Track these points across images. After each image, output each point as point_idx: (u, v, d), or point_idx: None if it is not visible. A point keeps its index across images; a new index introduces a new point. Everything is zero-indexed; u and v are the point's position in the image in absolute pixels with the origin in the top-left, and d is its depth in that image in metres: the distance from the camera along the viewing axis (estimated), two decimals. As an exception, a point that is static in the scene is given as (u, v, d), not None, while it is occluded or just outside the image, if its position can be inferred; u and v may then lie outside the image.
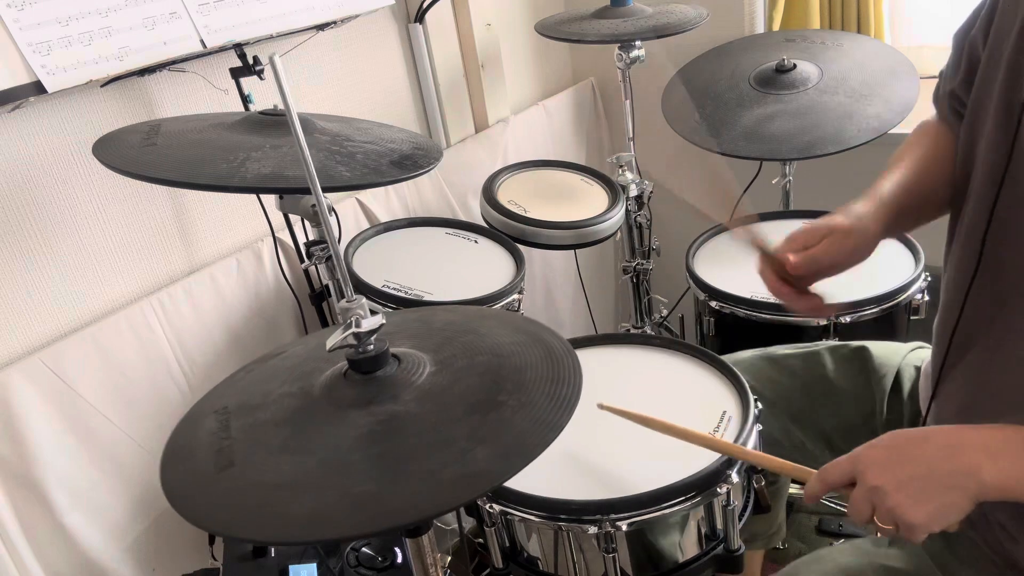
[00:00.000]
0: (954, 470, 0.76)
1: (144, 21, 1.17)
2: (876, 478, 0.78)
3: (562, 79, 2.24)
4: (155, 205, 1.38)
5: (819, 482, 0.84)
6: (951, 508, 0.76)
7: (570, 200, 1.68)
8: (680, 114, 1.78)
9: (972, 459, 0.76)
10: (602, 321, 2.30)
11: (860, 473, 0.80)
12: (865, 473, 0.79)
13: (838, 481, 0.83)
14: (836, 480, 0.83)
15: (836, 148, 1.57)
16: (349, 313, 0.76)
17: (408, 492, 0.65)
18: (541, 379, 0.76)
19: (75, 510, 1.26)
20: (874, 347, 1.19)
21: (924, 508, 0.76)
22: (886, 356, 1.17)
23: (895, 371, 1.15)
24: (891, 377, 1.14)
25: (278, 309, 1.53)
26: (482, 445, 0.68)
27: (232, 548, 1.12)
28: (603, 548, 0.98)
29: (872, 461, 0.80)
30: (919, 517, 0.76)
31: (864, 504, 0.79)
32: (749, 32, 1.98)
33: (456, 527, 1.54)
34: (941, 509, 0.76)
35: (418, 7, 1.73)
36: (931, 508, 0.76)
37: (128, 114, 1.30)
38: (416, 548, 0.86)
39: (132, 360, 1.32)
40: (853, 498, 0.81)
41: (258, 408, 0.79)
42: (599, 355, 1.27)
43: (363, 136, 1.20)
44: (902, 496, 0.76)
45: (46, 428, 1.21)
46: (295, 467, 0.69)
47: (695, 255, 1.65)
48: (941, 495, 0.76)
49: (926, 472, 0.77)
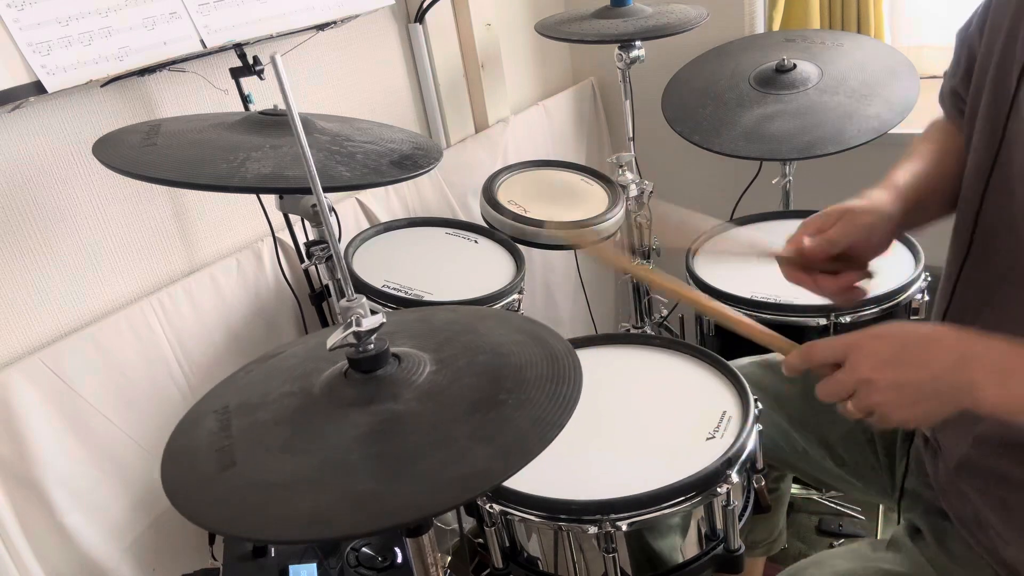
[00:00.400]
0: (957, 383, 0.74)
1: (144, 21, 1.17)
2: (870, 371, 0.76)
3: (562, 79, 2.24)
4: (155, 205, 1.38)
5: (803, 356, 0.82)
6: (936, 414, 0.75)
7: (570, 200, 1.68)
8: (680, 114, 1.78)
9: (979, 375, 0.73)
10: (602, 321, 2.30)
11: (853, 361, 0.77)
12: (860, 362, 0.77)
13: (824, 360, 0.80)
14: (822, 358, 0.81)
15: (836, 148, 1.56)
16: (350, 312, 0.76)
17: (409, 491, 0.65)
18: (541, 378, 0.76)
19: (75, 510, 1.26)
20: None
21: (910, 411, 0.75)
22: None
23: None
24: None
25: (278, 309, 1.53)
26: (482, 444, 0.68)
27: (232, 548, 1.12)
28: (603, 548, 0.98)
29: (872, 352, 0.77)
30: (901, 417, 0.75)
31: (844, 389, 0.78)
32: (749, 32, 1.98)
33: (456, 527, 1.54)
34: (927, 414, 0.76)
35: (418, 7, 1.73)
36: (919, 412, 0.75)
37: (128, 114, 1.30)
38: (416, 548, 0.86)
39: (132, 360, 1.32)
40: (835, 379, 0.78)
41: (258, 408, 0.79)
42: (599, 355, 1.27)
43: (363, 136, 1.20)
44: (893, 395, 0.75)
45: (46, 428, 1.21)
46: (296, 466, 0.69)
47: (695, 255, 1.65)
48: (934, 402, 0.75)
49: (928, 378, 0.75)
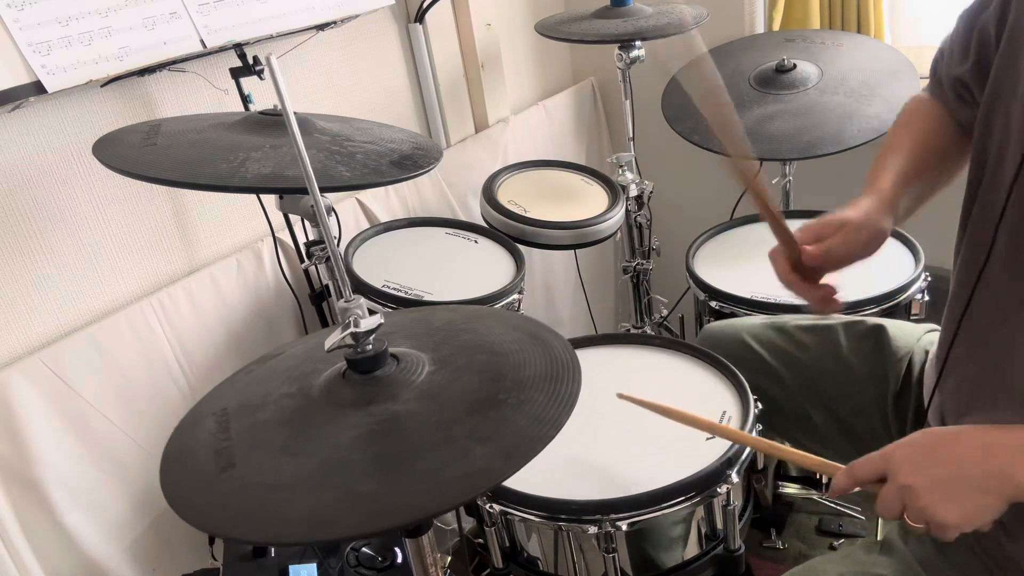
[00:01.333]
0: (988, 471, 0.76)
1: (144, 21, 1.17)
2: (907, 477, 0.78)
3: (562, 79, 2.24)
4: (155, 205, 1.38)
5: (847, 476, 0.84)
6: (984, 509, 0.76)
7: (570, 200, 1.68)
8: (680, 114, 1.78)
9: (1006, 460, 0.76)
10: (602, 321, 2.30)
11: (892, 471, 0.79)
12: (897, 472, 0.79)
13: (867, 477, 0.82)
14: (865, 476, 0.82)
15: (836, 148, 1.56)
16: (348, 313, 0.76)
17: (408, 491, 0.65)
18: (540, 378, 0.76)
19: (75, 510, 1.26)
20: (891, 326, 1.17)
21: (956, 508, 0.76)
22: (903, 337, 1.16)
23: (910, 353, 1.14)
24: (906, 360, 1.13)
25: (278, 309, 1.53)
26: (482, 444, 0.68)
27: (232, 548, 1.12)
28: (603, 548, 0.98)
29: (904, 460, 0.79)
30: (950, 517, 0.76)
31: (895, 502, 0.79)
32: (749, 32, 1.98)
33: (456, 527, 1.54)
34: (973, 510, 0.76)
35: (418, 7, 1.73)
36: (963, 508, 0.76)
37: (128, 114, 1.30)
38: (416, 548, 0.86)
39: (132, 360, 1.32)
40: (883, 495, 0.80)
41: (258, 409, 0.79)
42: (599, 355, 1.28)
43: (363, 136, 1.20)
44: (934, 496, 0.76)
45: (46, 428, 1.21)
46: (295, 467, 0.69)
47: (695, 255, 1.65)
48: (973, 496, 0.76)
49: (958, 473, 0.77)
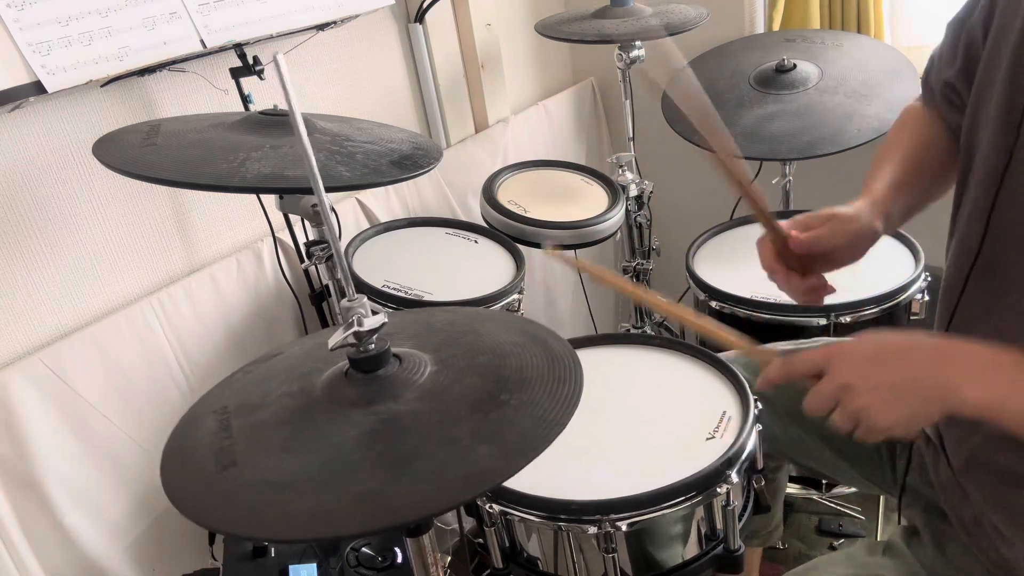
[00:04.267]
0: (937, 382, 0.75)
1: (144, 21, 1.17)
2: (851, 376, 0.77)
3: (562, 79, 2.24)
4: (155, 205, 1.38)
5: (784, 366, 0.83)
6: (921, 417, 0.76)
7: (570, 200, 1.68)
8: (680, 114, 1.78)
9: (957, 372, 0.74)
10: (602, 321, 2.30)
11: (833, 367, 0.78)
12: (840, 369, 0.78)
13: (804, 370, 0.81)
14: (802, 368, 0.81)
15: (836, 148, 1.57)
16: (351, 312, 0.76)
17: (410, 490, 0.65)
18: (542, 379, 0.76)
19: (75, 510, 1.26)
20: None
21: (895, 414, 0.75)
22: None
23: None
24: None
25: (278, 309, 1.53)
26: (484, 444, 0.68)
27: (232, 548, 1.12)
28: (603, 548, 0.98)
29: (851, 358, 0.78)
30: (886, 421, 0.75)
31: (827, 399, 0.78)
32: (749, 32, 1.98)
33: (456, 527, 1.54)
34: (911, 417, 0.76)
35: (418, 7, 1.73)
36: (902, 415, 0.75)
37: (128, 114, 1.30)
38: (416, 548, 0.86)
39: (132, 360, 1.32)
40: (818, 389, 0.79)
41: (258, 408, 0.79)
42: (599, 355, 1.27)
43: (363, 136, 1.20)
44: (875, 398, 0.75)
45: (46, 428, 1.21)
46: (297, 466, 0.69)
47: (695, 255, 1.65)
48: (917, 403, 0.75)
49: (906, 379, 0.76)
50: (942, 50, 0.98)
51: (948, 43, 0.96)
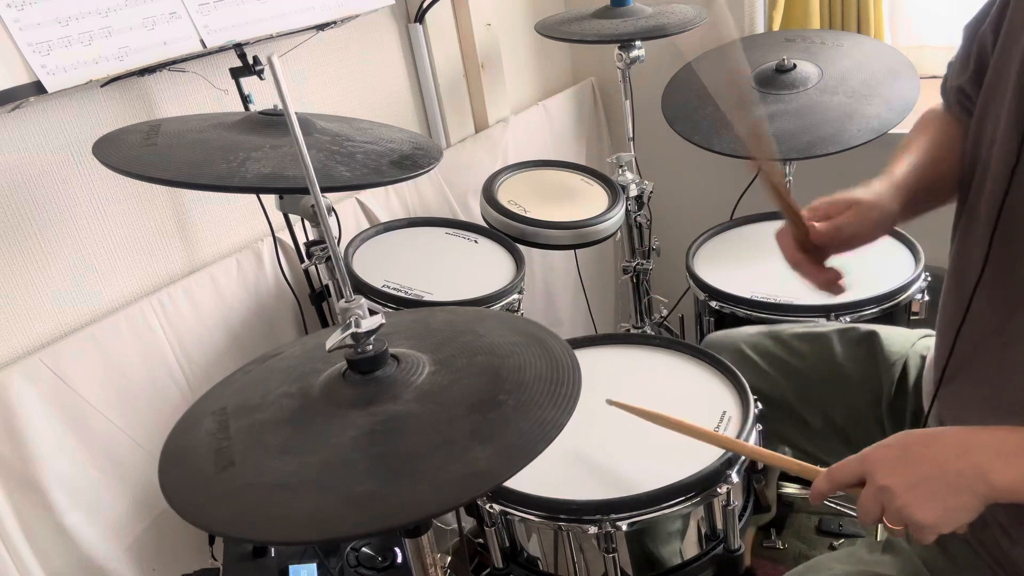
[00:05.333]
0: (963, 471, 0.76)
1: (144, 21, 1.17)
2: (885, 478, 0.78)
3: (562, 79, 2.24)
4: (155, 205, 1.38)
5: (827, 481, 0.84)
6: (961, 509, 0.76)
7: (570, 200, 1.68)
8: (680, 114, 1.78)
9: (982, 460, 0.76)
10: (602, 321, 2.30)
11: (869, 473, 0.79)
12: (874, 473, 0.79)
13: (846, 480, 0.82)
14: (844, 479, 0.82)
15: (836, 148, 1.56)
16: (348, 313, 0.76)
17: (409, 491, 0.65)
18: (541, 379, 0.76)
19: (75, 510, 1.26)
20: (884, 332, 1.18)
21: (933, 509, 0.76)
22: (896, 343, 1.17)
23: (904, 359, 1.14)
24: (900, 365, 1.14)
25: (278, 309, 1.53)
26: (483, 444, 0.68)
27: (232, 548, 1.12)
28: (603, 548, 0.98)
29: (881, 461, 0.80)
30: (928, 517, 0.76)
31: (873, 504, 0.79)
32: (749, 32, 1.98)
33: (456, 527, 1.54)
34: (950, 510, 0.76)
35: (418, 7, 1.73)
36: (940, 509, 0.76)
37: (128, 114, 1.30)
38: (416, 548, 0.86)
39: (132, 360, 1.32)
40: (862, 498, 0.80)
41: (257, 409, 0.79)
42: (599, 355, 1.28)
43: (363, 136, 1.20)
44: (911, 496, 0.76)
45: (46, 428, 1.21)
46: (295, 467, 0.69)
47: (695, 255, 1.65)
48: (950, 496, 0.76)
49: (935, 472, 0.77)
50: (957, 56, 0.98)
51: (962, 49, 0.96)
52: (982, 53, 0.90)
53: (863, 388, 1.16)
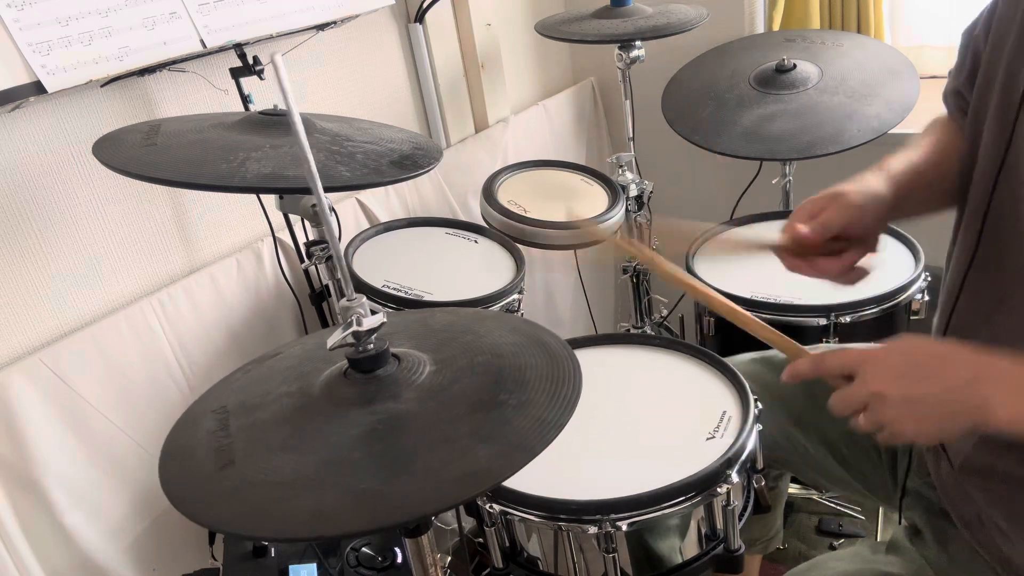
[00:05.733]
0: (968, 400, 0.73)
1: (144, 21, 1.17)
2: (883, 385, 0.76)
3: (562, 79, 2.24)
4: (155, 205, 1.38)
5: (812, 364, 0.82)
6: (948, 431, 0.75)
7: (570, 200, 1.68)
8: (680, 114, 1.78)
9: (992, 392, 0.73)
10: (602, 321, 2.30)
11: (865, 373, 0.77)
12: (872, 375, 0.77)
13: (835, 370, 0.80)
14: (833, 369, 0.80)
15: (836, 148, 1.57)
16: (349, 312, 0.76)
17: (410, 490, 0.65)
18: (541, 379, 0.76)
19: (75, 510, 1.26)
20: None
21: (922, 427, 0.75)
22: None
23: None
24: None
25: (278, 309, 1.53)
26: (483, 443, 0.68)
27: (232, 548, 1.12)
28: (603, 548, 0.98)
29: (884, 366, 0.77)
30: (913, 432, 0.75)
31: (856, 402, 0.77)
32: (749, 32, 1.98)
33: (456, 527, 1.54)
34: (938, 431, 0.75)
35: (418, 7, 1.73)
36: (931, 428, 0.75)
37: (128, 114, 1.30)
38: (416, 548, 0.86)
39: (132, 360, 1.32)
40: (847, 393, 0.78)
41: (257, 408, 0.79)
42: (599, 355, 1.27)
43: (363, 136, 1.20)
44: (905, 410, 0.75)
45: (46, 428, 1.21)
46: (296, 465, 0.69)
47: (695, 255, 1.65)
48: (946, 419, 0.74)
49: (939, 395, 0.75)
50: (956, 61, 0.99)
51: (959, 52, 0.97)
52: (976, 55, 0.91)
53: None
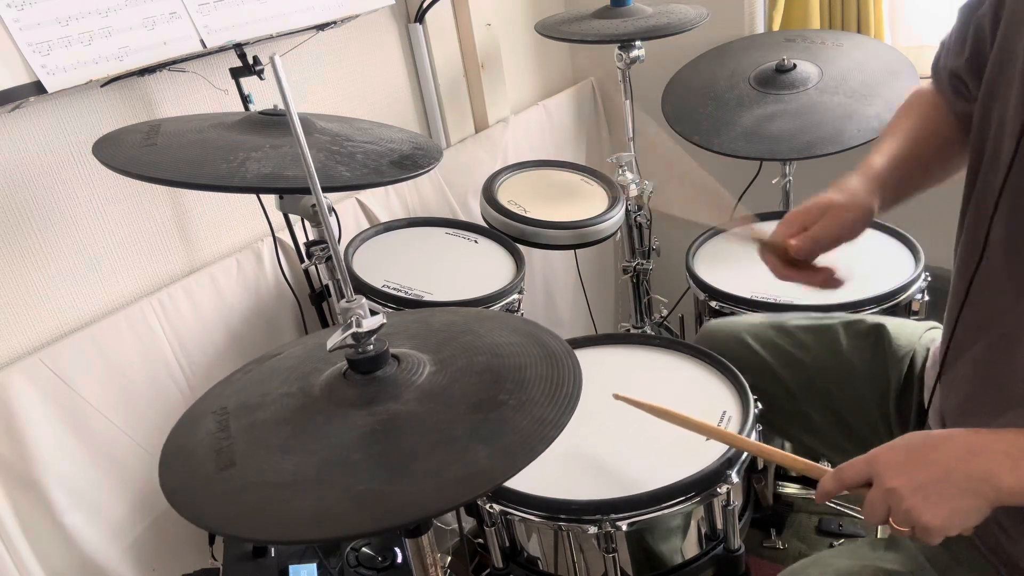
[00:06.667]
0: (972, 474, 0.76)
1: (144, 21, 1.17)
2: (892, 480, 0.78)
3: (562, 79, 2.24)
4: (155, 205, 1.38)
5: (834, 480, 0.84)
6: (968, 512, 0.76)
7: (570, 200, 1.68)
8: (680, 114, 1.78)
9: (991, 464, 0.76)
10: (602, 321, 2.30)
11: (877, 474, 0.79)
12: (882, 475, 0.79)
13: (854, 481, 0.82)
14: (852, 480, 0.82)
15: (836, 148, 1.57)
16: (349, 313, 0.76)
17: (410, 490, 0.65)
18: (541, 379, 0.76)
19: (75, 510, 1.26)
20: (891, 325, 1.17)
21: (940, 511, 0.76)
22: (904, 335, 1.15)
23: (911, 352, 1.13)
24: (908, 358, 1.13)
25: (278, 309, 1.53)
26: (483, 444, 0.68)
27: (232, 548, 1.12)
28: (603, 548, 0.98)
29: (889, 463, 0.80)
30: (935, 520, 0.76)
31: (880, 505, 0.79)
32: (749, 32, 1.98)
33: (456, 527, 1.54)
34: (958, 512, 0.76)
35: (418, 7, 1.73)
36: (947, 511, 0.76)
37: (128, 114, 1.30)
38: (416, 548, 0.86)
39: (132, 360, 1.32)
40: (869, 499, 0.80)
41: (257, 408, 0.79)
42: (599, 355, 1.28)
43: (363, 136, 1.20)
44: (918, 499, 0.76)
45: (46, 428, 1.21)
46: (296, 466, 0.69)
47: (695, 255, 1.65)
48: (958, 499, 0.76)
49: (943, 475, 0.77)
50: (951, 37, 0.97)
51: (957, 30, 0.95)
52: (979, 37, 0.89)
53: (869, 381, 1.15)
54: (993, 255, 0.85)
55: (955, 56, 0.95)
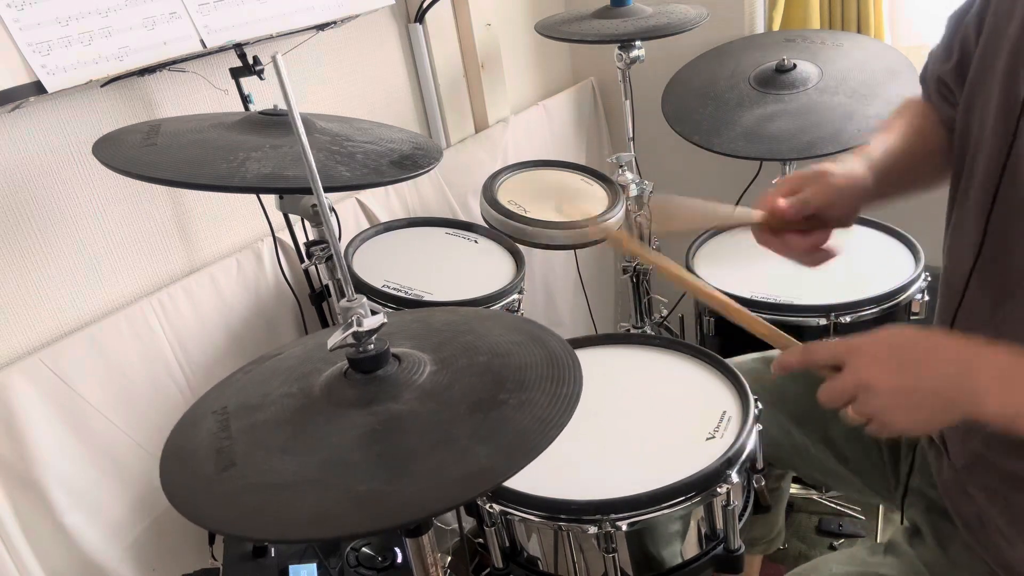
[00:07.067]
0: (960, 390, 0.73)
1: (144, 21, 1.17)
2: (872, 375, 0.75)
3: (562, 79, 2.24)
4: (155, 205, 1.38)
5: (801, 354, 0.82)
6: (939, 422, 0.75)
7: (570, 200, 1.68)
8: (680, 114, 1.78)
9: (982, 383, 0.72)
10: (602, 321, 2.30)
11: (854, 364, 0.76)
12: (860, 366, 0.76)
13: (823, 361, 0.80)
14: (820, 359, 0.80)
15: (836, 148, 1.57)
16: (350, 312, 0.76)
17: (411, 490, 0.65)
18: (541, 378, 0.76)
19: (75, 510, 1.26)
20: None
21: (912, 417, 0.74)
22: None
23: None
24: None
25: (278, 309, 1.53)
26: (484, 443, 0.68)
27: (232, 548, 1.12)
28: (603, 548, 0.98)
29: (872, 357, 0.76)
30: (903, 424, 0.74)
31: (847, 392, 0.76)
32: (749, 32, 1.98)
33: (456, 527, 1.54)
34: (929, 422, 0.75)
35: (418, 7, 1.73)
36: (919, 419, 0.74)
37: (128, 114, 1.30)
38: (416, 548, 0.86)
39: (132, 360, 1.32)
40: (837, 383, 0.77)
41: (258, 408, 0.79)
42: (599, 355, 1.27)
43: (363, 136, 1.20)
44: (894, 401, 0.74)
45: (46, 428, 1.21)
46: (296, 466, 0.69)
47: (695, 255, 1.65)
48: (936, 410, 0.74)
49: (928, 386, 0.74)
50: (939, 46, 0.98)
51: (945, 39, 0.96)
52: (965, 43, 0.90)
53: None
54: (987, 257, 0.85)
55: (942, 63, 0.97)
